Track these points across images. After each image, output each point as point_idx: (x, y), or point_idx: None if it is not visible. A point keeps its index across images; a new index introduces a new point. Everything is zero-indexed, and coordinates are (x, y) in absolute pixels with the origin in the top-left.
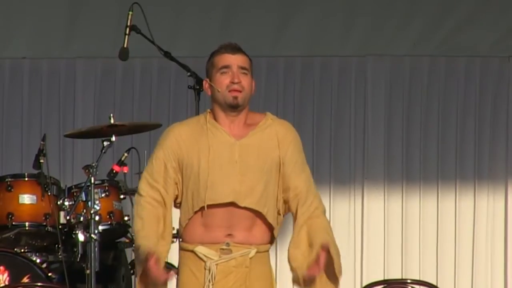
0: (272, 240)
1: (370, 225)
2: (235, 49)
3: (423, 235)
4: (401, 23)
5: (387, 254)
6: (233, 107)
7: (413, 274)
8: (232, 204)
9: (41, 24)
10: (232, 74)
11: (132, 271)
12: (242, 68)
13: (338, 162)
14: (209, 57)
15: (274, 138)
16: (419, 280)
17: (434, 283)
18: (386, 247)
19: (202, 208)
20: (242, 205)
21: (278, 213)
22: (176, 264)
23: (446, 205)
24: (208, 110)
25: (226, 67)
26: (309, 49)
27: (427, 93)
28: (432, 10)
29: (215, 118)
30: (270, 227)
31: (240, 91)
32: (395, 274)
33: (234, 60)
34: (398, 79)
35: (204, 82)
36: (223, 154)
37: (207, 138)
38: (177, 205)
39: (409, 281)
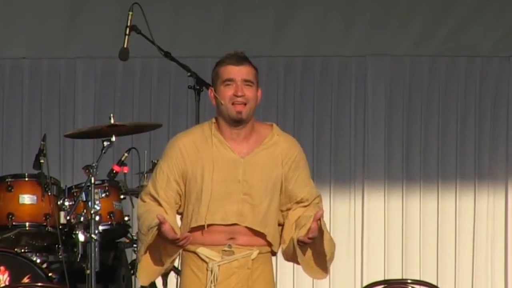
0: (272, 252)
1: (370, 225)
2: (240, 59)
3: (423, 235)
4: (401, 23)
5: (387, 254)
6: (237, 122)
7: (413, 274)
8: (234, 223)
9: (41, 24)
10: (236, 87)
11: (132, 271)
12: (246, 80)
13: (338, 162)
14: (214, 66)
15: (279, 156)
16: (419, 280)
17: (434, 283)
18: (386, 247)
19: (201, 227)
20: (244, 225)
21: (279, 224)
22: (176, 264)
23: (446, 205)
24: (214, 120)
25: (230, 80)
26: (309, 49)
27: (427, 93)
28: (433, 9)
29: (220, 130)
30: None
31: (244, 104)
32: (395, 274)
33: (238, 72)
34: (398, 79)
35: (209, 91)
36: (227, 172)
37: (211, 153)
38: (179, 214)
39: (409, 281)
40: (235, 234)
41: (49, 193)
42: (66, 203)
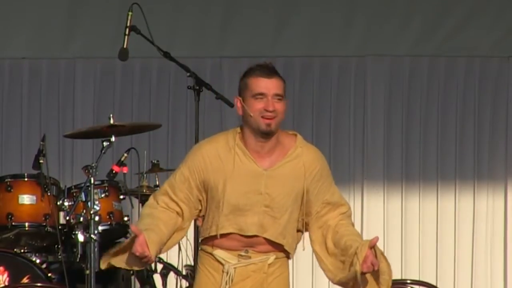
0: (288, 256)
1: (370, 225)
2: (271, 72)
3: (423, 235)
4: (401, 23)
5: (387, 254)
6: (266, 134)
7: (413, 274)
8: (254, 235)
9: (41, 24)
10: (266, 102)
11: (131, 272)
12: (277, 95)
13: (338, 162)
14: (243, 75)
15: (301, 168)
16: (419, 280)
17: (434, 283)
18: (386, 247)
19: (220, 236)
20: (263, 236)
21: (299, 231)
22: (175, 264)
23: (445, 205)
24: (238, 130)
25: (261, 94)
26: (308, 49)
27: (427, 93)
28: (432, 10)
29: (244, 141)
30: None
31: (274, 118)
32: (395, 274)
33: (270, 86)
34: (398, 79)
35: (235, 100)
36: (249, 183)
37: (234, 164)
38: (200, 218)
39: (409, 281)
40: (253, 244)
41: (49, 193)
42: (66, 203)
